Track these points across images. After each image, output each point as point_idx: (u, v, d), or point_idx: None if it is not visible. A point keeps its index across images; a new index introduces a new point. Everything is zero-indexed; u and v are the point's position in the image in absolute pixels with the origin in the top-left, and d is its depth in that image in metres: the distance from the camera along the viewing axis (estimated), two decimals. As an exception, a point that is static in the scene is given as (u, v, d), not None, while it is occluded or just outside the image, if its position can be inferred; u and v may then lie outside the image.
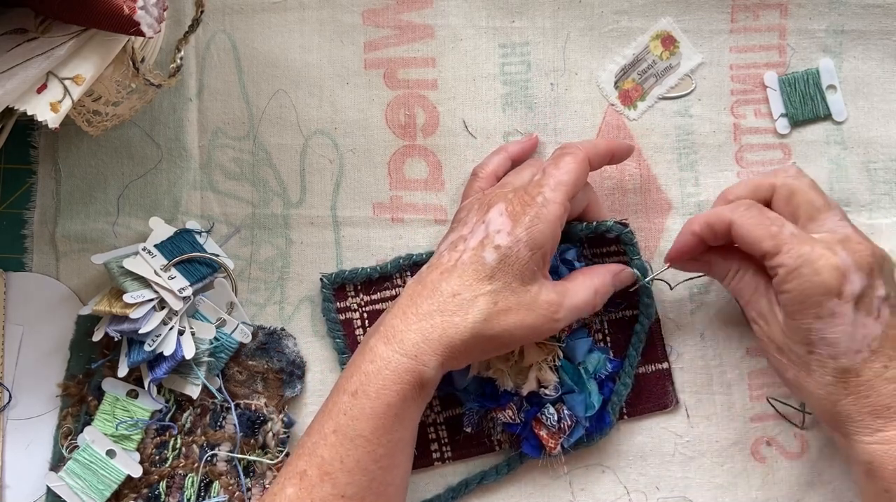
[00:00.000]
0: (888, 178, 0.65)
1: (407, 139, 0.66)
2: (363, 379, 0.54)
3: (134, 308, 0.59)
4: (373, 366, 0.54)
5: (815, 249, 0.53)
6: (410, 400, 0.54)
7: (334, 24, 0.66)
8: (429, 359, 0.54)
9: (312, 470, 0.54)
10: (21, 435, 0.64)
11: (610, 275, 0.61)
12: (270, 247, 0.66)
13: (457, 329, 0.54)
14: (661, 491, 0.65)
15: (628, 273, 0.62)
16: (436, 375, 0.55)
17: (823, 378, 0.55)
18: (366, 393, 0.54)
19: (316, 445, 0.54)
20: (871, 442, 0.54)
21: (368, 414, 0.53)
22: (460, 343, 0.54)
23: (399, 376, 0.54)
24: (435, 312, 0.55)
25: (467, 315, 0.54)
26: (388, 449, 0.54)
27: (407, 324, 0.55)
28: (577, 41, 0.66)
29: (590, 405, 0.62)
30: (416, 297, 0.56)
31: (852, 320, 0.53)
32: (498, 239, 0.55)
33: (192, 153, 0.66)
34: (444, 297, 0.55)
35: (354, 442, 0.53)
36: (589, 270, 0.61)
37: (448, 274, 0.56)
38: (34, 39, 0.50)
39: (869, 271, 0.54)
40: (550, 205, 0.56)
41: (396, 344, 0.54)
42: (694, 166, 0.66)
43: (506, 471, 0.64)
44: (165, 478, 0.63)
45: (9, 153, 0.66)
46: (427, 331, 0.54)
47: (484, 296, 0.55)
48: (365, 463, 0.53)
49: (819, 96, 0.65)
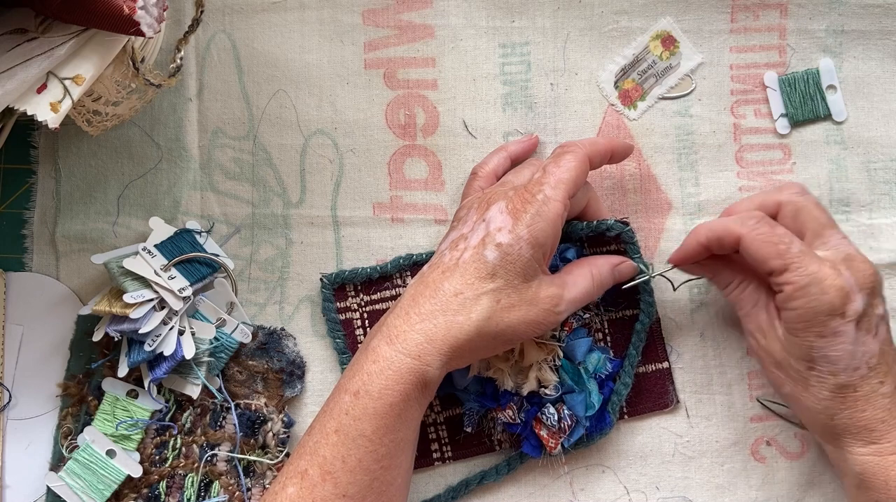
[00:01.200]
0: (888, 178, 0.65)
1: (407, 139, 0.66)
2: (365, 379, 0.54)
3: (134, 308, 0.59)
4: (375, 366, 0.54)
5: (823, 269, 0.54)
6: (413, 400, 0.54)
7: (334, 24, 0.66)
8: (432, 360, 0.54)
9: (314, 469, 0.54)
10: (21, 435, 0.64)
11: (608, 265, 0.61)
12: (270, 247, 0.66)
13: (461, 328, 0.54)
14: (661, 491, 0.65)
15: (628, 265, 0.62)
16: (439, 375, 0.55)
17: (821, 393, 0.55)
18: (368, 392, 0.54)
19: (318, 444, 0.54)
20: (864, 454, 0.55)
21: (371, 413, 0.53)
22: (464, 342, 0.54)
23: (402, 376, 0.54)
24: (438, 312, 0.55)
25: (470, 314, 0.54)
26: (389, 449, 0.54)
27: (410, 325, 0.55)
28: (577, 41, 0.66)
29: (590, 405, 0.62)
30: (419, 297, 0.56)
31: (853, 339, 0.54)
32: (499, 237, 0.55)
33: (192, 153, 0.66)
34: (447, 297, 0.55)
35: (356, 441, 0.53)
36: (585, 260, 0.61)
37: (450, 273, 0.56)
38: (34, 39, 0.50)
39: (870, 291, 0.55)
40: (551, 203, 0.56)
41: (399, 344, 0.54)
42: (694, 166, 0.66)
43: (506, 471, 0.64)
44: (165, 478, 0.63)
45: (9, 153, 0.66)
46: (430, 332, 0.54)
47: (486, 294, 0.55)
48: (367, 463, 0.53)
49: (819, 96, 0.65)
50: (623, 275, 0.62)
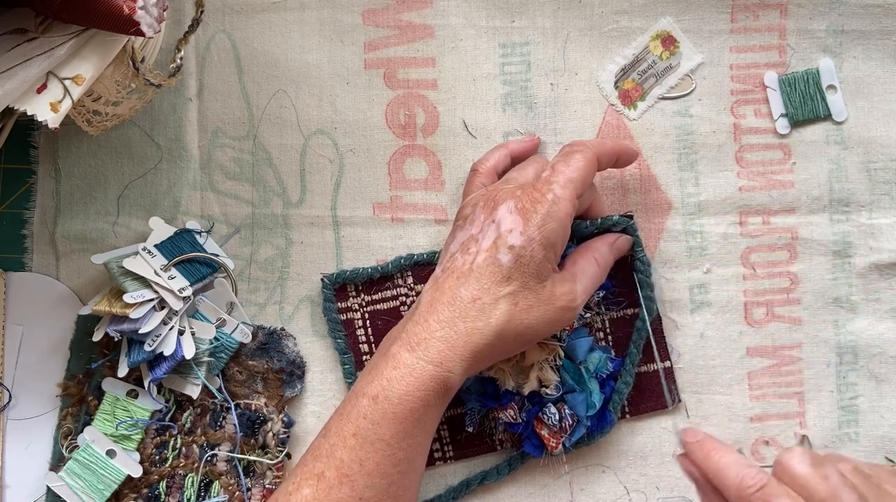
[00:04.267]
0: (888, 178, 0.65)
1: (407, 139, 0.66)
2: (385, 385, 0.54)
3: (134, 308, 0.59)
4: (396, 372, 0.54)
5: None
6: (432, 406, 0.54)
7: (334, 24, 0.66)
8: (454, 366, 0.54)
9: (331, 471, 0.53)
10: (21, 435, 0.64)
11: (605, 244, 0.61)
12: (270, 247, 0.66)
13: (481, 334, 0.54)
14: (661, 491, 0.65)
15: (624, 240, 0.62)
16: (460, 380, 0.55)
17: None
18: (388, 398, 0.53)
19: (334, 447, 0.54)
20: None
21: (390, 418, 0.53)
22: (485, 346, 0.54)
23: (423, 383, 0.54)
24: (457, 319, 0.54)
25: (490, 319, 0.54)
26: (407, 454, 0.54)
27: (430, 332, 0.55)
28: (577, 41, 0.66)
29: (591, 404, 0.62)
30: (436, 304, 0.55)
31: None
32: (511, 239, 0.55)
33: (192, 153, 0.66)
34: (465, 303, 0.55)
35: (374, 445, 0.53)
36: (584, 247, 0.61)
37: (465, 278, 0.55)
38: (34, 39, 0.50)
39: None
40: (561, 203, 0.55)
41: (421, 351, 0.54)
42: (694, 166, 0.66)
43: (507, 471, 0.64)
44: (165, 478, 0.63)
45: (9, 153, 0.66)
46: (452, 339, 0.54)
47: (504, 298, 0.55)
48: (384, 467, 0.53)
49: (819, 96, 0.65)
50: (621, 250, 0.62)
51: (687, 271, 0.65)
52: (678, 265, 0.65)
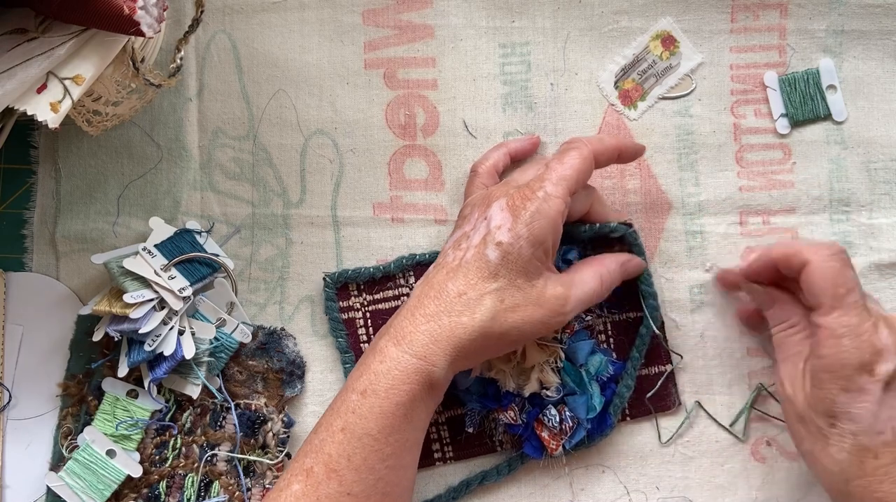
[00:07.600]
0: (888, 178, 0.65)
1: (407, 139, 0.66)
2: (372, 379, 0.54)
3: (134, 308, 0.59)
4: (382, 365, 0.54)
5: (864, 324, 0.53)
6: (419, 401, 0.54)
7: (334, 24, 0.66)
8: (438, 360, 0.54)
9: (319, 467, 0.53)
10: (21, 435, 0.64)
11: (616, 264, 0.60)
12: (270, 247, 0.66)
13: (465, 329, 0.54)
14: (661, 491, 0.65)
15: (636, 262, 0.62)
16: (446, 376, 0.55)
17: (840, 454, 0.54)
18: (375, 391, 0.54)
19: (323, 442, 0.54)
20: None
21: (377, 412, 0.53)
22: (469, 343, 0.54)
23: (408, 376, 0.54)
24: (442, 313, 0.55)
25: (474, 314, 0.54)
26: (395, 449, 0.54)
27: (416, 326, 0.55)
28: (577, 41, 0.66)
29: (591, 407, 0.62)
30: (424, 298, 0.56)
31: (879, 399, 0.53)
32: (499, 235, 0.55)
33: (192, 153, 0.66)
34: (451, 298, 0.55)
35: (362, 440, 0.53)
36: (594, 259, 0.60)
37: (453, 273, 0.56)
38: (34, 39, 0.50)
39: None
40: (552, 200, 0.55)
41: (406, 345, 0.54)
42: (694, 166, 0.66)
43: (507, 472, 0.64)
44: (165, 478, 0.63)
45: (9, 153, 0.66)
46: (435, 333, 0.54)
47: (489, 294, 0.55)
48: (372, 462, 0.53)
49: (819, 96, 0.65)
50: (631, 272, 0.61)
51: (687, 271, 0.65)
52: (678, 265, 0.65)
